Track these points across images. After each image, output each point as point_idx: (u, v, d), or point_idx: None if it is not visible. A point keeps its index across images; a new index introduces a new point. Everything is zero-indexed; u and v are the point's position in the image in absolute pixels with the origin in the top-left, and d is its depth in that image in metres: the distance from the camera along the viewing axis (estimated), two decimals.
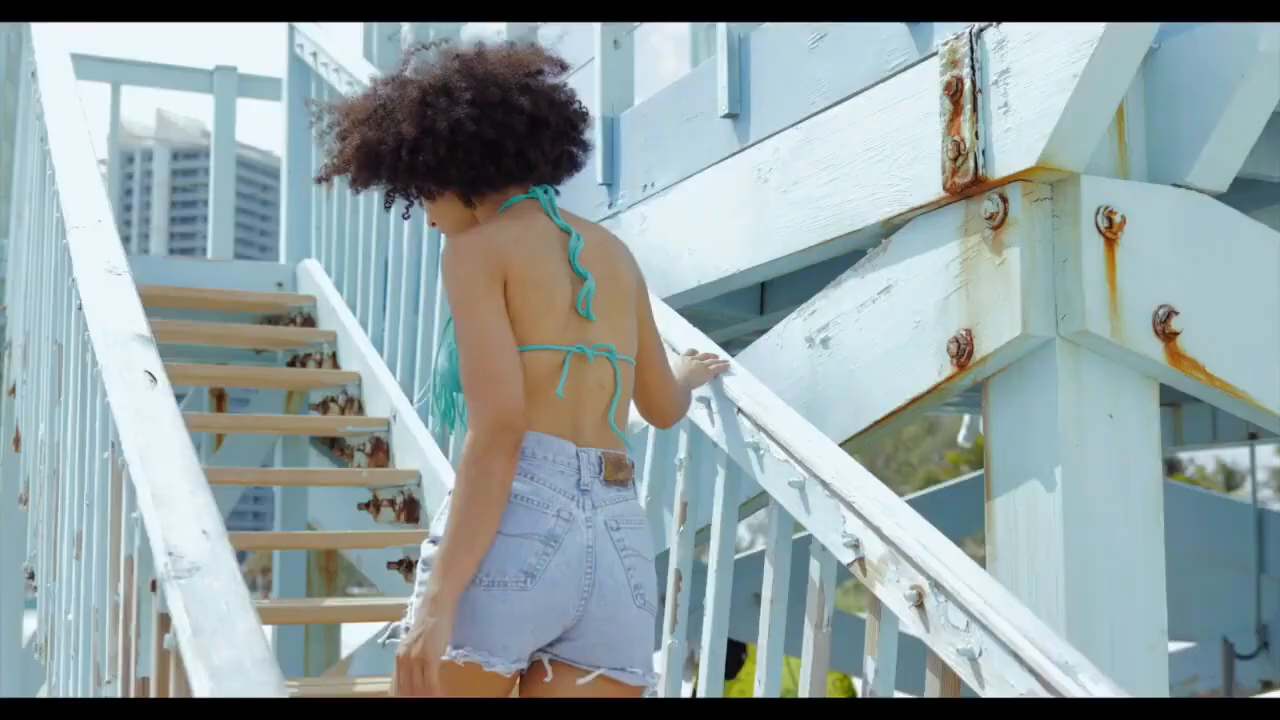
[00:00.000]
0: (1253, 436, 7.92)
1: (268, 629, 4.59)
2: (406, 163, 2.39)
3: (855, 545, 2.63)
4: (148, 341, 2.71)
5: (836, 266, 3.49)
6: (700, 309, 4.16)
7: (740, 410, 2.99)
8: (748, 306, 4.40)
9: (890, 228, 3.18)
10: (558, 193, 2.49)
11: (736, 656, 5.94)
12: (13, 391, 4.88)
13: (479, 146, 2.37)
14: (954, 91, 2.95)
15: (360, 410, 4.95)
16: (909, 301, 3.09)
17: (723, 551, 3.09)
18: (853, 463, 2.75)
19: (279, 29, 6.39)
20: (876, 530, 2.59)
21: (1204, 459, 33.68)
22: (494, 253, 2.28)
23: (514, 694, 2.36)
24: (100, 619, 2.65)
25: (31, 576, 3.94)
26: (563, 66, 2.53)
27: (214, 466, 5.53)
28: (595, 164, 4.41)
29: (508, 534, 2.22)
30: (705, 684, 3.08)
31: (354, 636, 7.12)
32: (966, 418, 9.30)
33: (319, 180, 2.66)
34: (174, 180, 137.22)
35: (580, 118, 2.53)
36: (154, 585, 2.10)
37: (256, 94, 6.93)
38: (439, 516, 2.33)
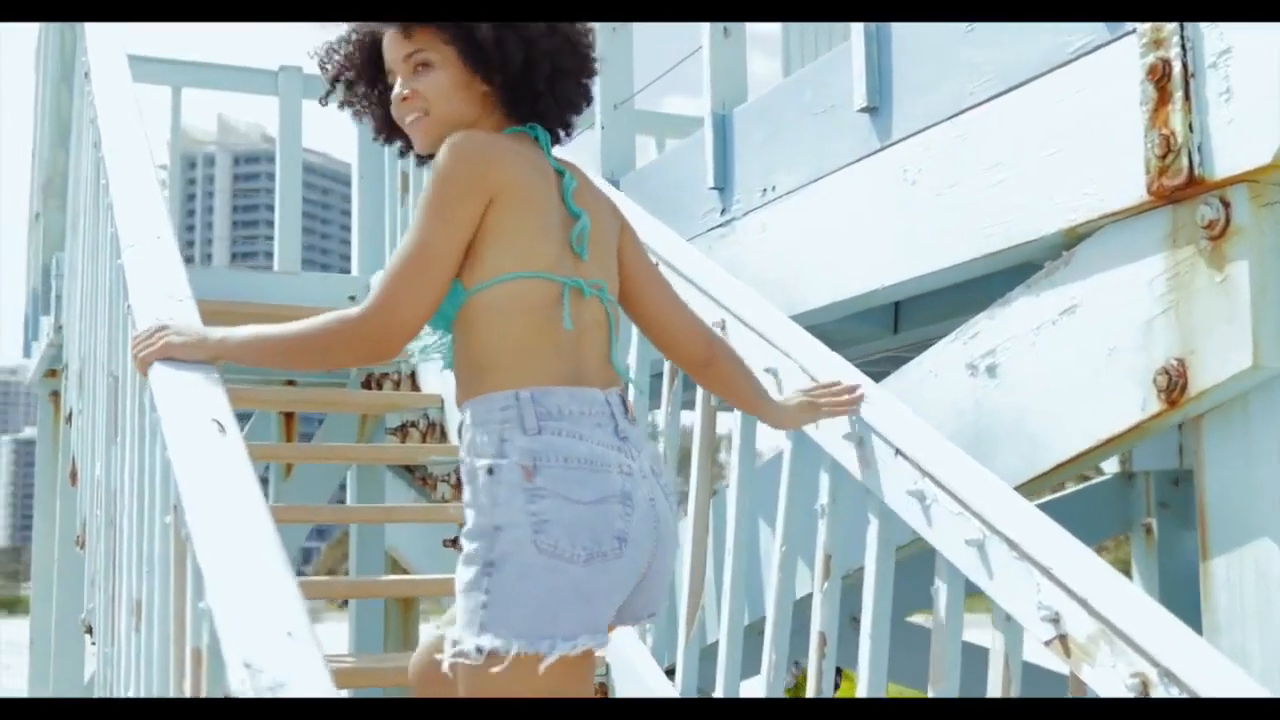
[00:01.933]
0: None
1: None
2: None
3: (1054, 619, 2.19)
4: (215, 382, 2.28)
5: (993, 280, 3.05)
6: (824, 327, 3.72)
7: (900, 452, 2.56)
8: (880, 324, 3.95)
9: (1073, 237, 2.73)
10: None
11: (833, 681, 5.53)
12: (69, 419, 4.50)
13: (566, 48, 2.20)
14: (1159, 76, 2.49)
15: (443, 436, 4.55)
16: (1100, 324, 2.64)
17: (877, 616, 2.66)
18: (1047, 520, 2.31)
19: (344, 27, 5.99)
20: (1083, 603, 2.15)
21: None
22: (494, 162, 2.08)
23: None
24: None
25: (90, 630, 3.56)
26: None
27: (283, 503, 5.15)
28: (705, 166, 3.99)
29: (588, 502, 2.02)
30: None
31: None
32: None
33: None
34: (235, 185, 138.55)
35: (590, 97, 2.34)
36: None
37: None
38: (471, 506, 2.09)
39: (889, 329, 3.95)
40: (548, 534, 1.99)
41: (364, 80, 2.30)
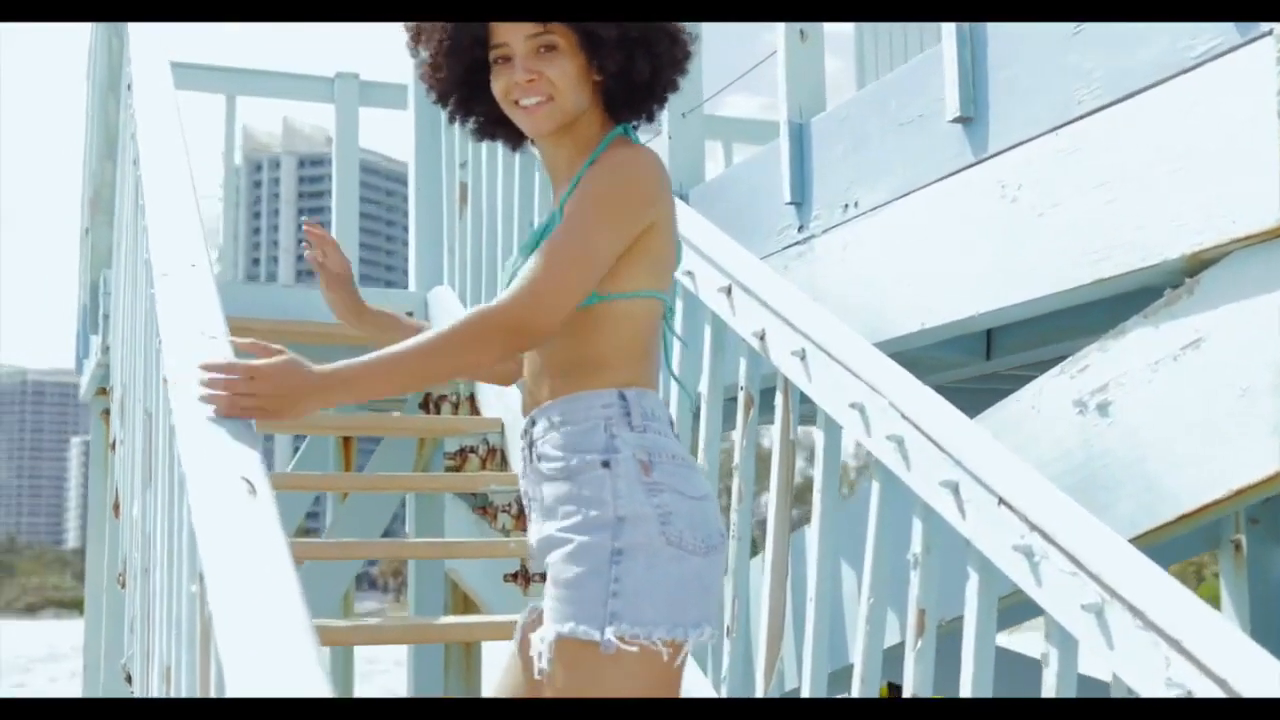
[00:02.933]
0: None
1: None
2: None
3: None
4: (248, 435, 2.07)
5: (1094, 306, 2.80)
6: (911, 352, 3.47)
7: (1004, 501, 2.31)
8: (971, 350, 3.69)
9: (1197, 263, 2.48)
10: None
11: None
12: (113, 446, 4.32)
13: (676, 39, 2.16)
14: None
15: (503, 463, 4.33)
16: (1230, 361, 2.38)
17: (978, 678, 2.41)
18: (1176, 585, 2.05)
19: (402, 31, 5.78)
20: (1222, 683, 1.89)
21: None
22: (665, 188, 2.13)
23: None
24: None
25: (130, 679, 3.38)
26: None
27: (340, 526, 4.96)
28: (781, 179, 3.75)
29: (697, 497, 2.10)
30: None
31: None
32: None
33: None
34: (300, 187, 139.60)
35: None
36: None
37: (381, 102, 6.32)
38: (572, 502, 2.07)
39: (980, 355, 3.70)
40: (674, 525, 2.03)
41: (461, 50, 2.17)
